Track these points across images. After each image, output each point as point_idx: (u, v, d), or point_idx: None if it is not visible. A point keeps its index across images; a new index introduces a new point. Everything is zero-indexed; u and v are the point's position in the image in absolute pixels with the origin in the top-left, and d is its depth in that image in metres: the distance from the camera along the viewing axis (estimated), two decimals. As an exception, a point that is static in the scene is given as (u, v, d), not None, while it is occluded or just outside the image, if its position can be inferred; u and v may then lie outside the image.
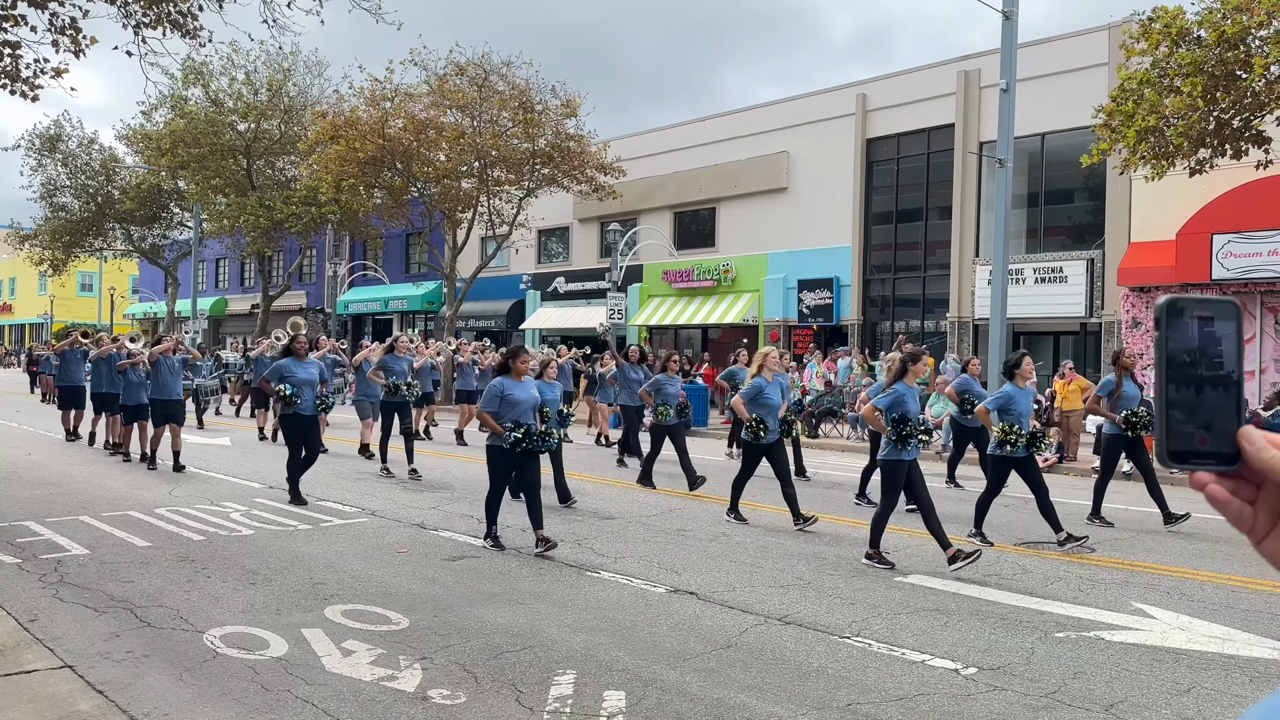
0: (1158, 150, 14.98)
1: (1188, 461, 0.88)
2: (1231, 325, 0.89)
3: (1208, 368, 0.88)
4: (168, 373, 13.02)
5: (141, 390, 13.61)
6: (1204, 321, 0.89)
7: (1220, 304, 0.90)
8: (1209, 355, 0.88)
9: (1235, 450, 0.87)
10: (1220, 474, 0.87)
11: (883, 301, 25.62)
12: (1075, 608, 6.78)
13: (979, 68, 22.97)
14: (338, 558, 7.99)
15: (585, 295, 32.03)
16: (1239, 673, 5.44)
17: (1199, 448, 0.87)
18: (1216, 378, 0.88)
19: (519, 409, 8.25)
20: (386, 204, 30.88)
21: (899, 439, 8.06)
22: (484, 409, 8.35)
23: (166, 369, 12.99)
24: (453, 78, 27.60)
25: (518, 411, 8.25)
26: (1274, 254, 17.43)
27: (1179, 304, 0.89)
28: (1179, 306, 0.89)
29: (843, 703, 4.87)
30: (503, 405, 8.23)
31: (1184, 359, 0.88)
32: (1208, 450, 0.87)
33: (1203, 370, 0.88)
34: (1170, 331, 0.89)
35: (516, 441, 8.12)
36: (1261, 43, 13.67)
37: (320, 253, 41.65)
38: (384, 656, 5.43)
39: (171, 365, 13.06)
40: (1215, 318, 0.89)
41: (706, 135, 29.13)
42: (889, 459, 8.15)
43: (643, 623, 6.22)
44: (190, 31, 11.21)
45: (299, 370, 10.76)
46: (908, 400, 8.24)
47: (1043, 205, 22.64)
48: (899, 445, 8.08)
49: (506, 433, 8.16)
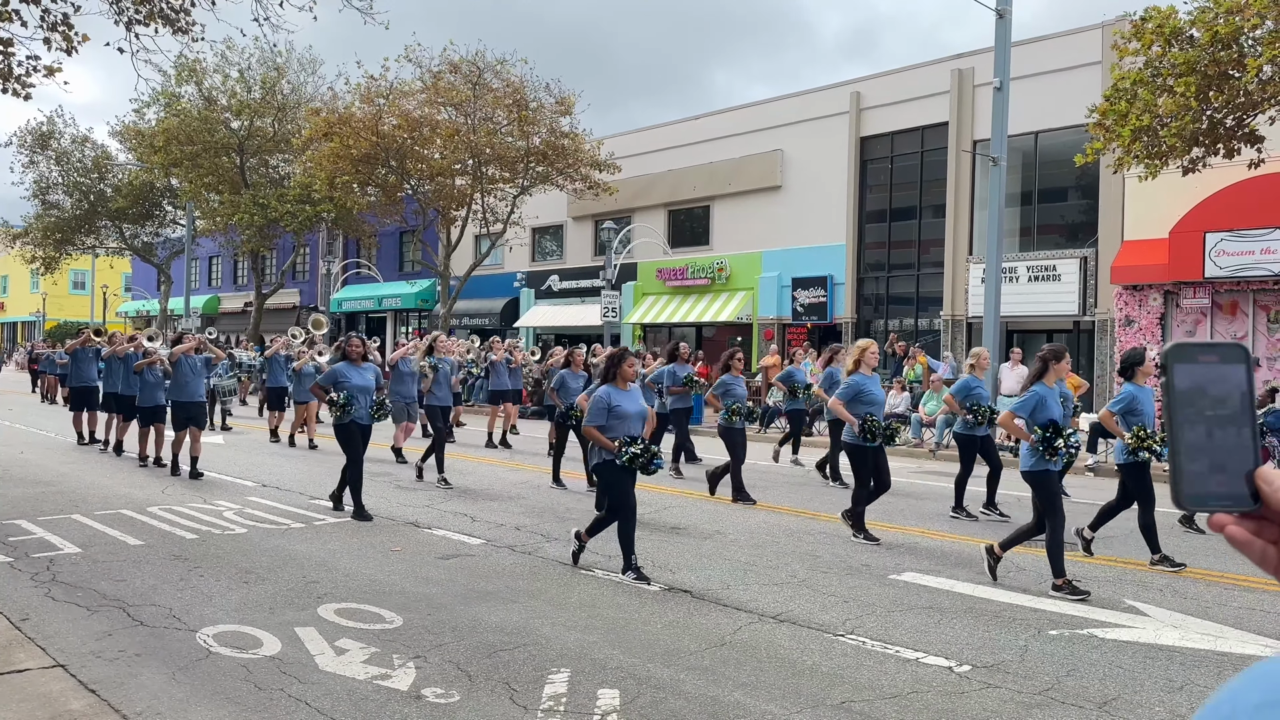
0: (1151, 149, 15.01)
1: (1205, 504, 0.88)
2: (1240, 368, 0.89)
3: (1218, 410, 0.88)
4: (189, 373, 12.41)
5: (159, 391, 13.00)
6: (1211, 365, 0.89)
7: (1226, 347, 0.90)
8: (1218, 398, 0.88)
9: (1253, 491, 0.87)
10: (1240, 515, 0.88)
11: (876, 300, 25.63)
12: (1069, 605, 6.79)
13: (973, 66, 22.98)
14: (331, 556, 7.97)
15: (579, 293, 32.01)
16: (1231, 670, 5.45)
17: (1215, 490, 0.88)
18: (1228, 418, 0.88)
19: (627, 422, 7.44)
20: (380, 201, 30.82)
21: (1047, 447, 7.20)
22: (591, 423, 7.44)
23: (188, 369, 12.39)
24: (447, 75, 27.56)
25: (627, 425, 7.43)
26: (1266, 252, 17.47)
27: (1185, 349, 0.90)
28: (1184, 351, 0.90)
29: (837, 700, 4.87)
30: (610, 418, 7.40)
31: (1194, 402, 0.89)
32: (1224, 492, 0.87)
33: (1213, 412, 0.88)
34: (1178, 376, 0.89)
35: (633, 458, 7.26)
36: (1255, 42, 13.70)
37: (314, 250, 41.56)
38: (378, 655, 5.42)
39: (194, 365, 12.49)
40: (1222, 361, 0.89)
41: (701, 133, 29.12)
42: (1036, 470, 7.31)
43: (637, 621, 6.21)
44: (182, 28, 11.17)
45: (354, 375, 9.97)
46: (1050, 403, 7.43)
47: (1036, 204, 22.67)
48: (1046, 455, 7.23)
49: (621, 449, 7.27)
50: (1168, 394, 0.89)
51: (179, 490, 11.36)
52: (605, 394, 7.54)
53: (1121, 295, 20.06)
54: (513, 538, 8.89)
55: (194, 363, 12.50)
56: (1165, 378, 0.90)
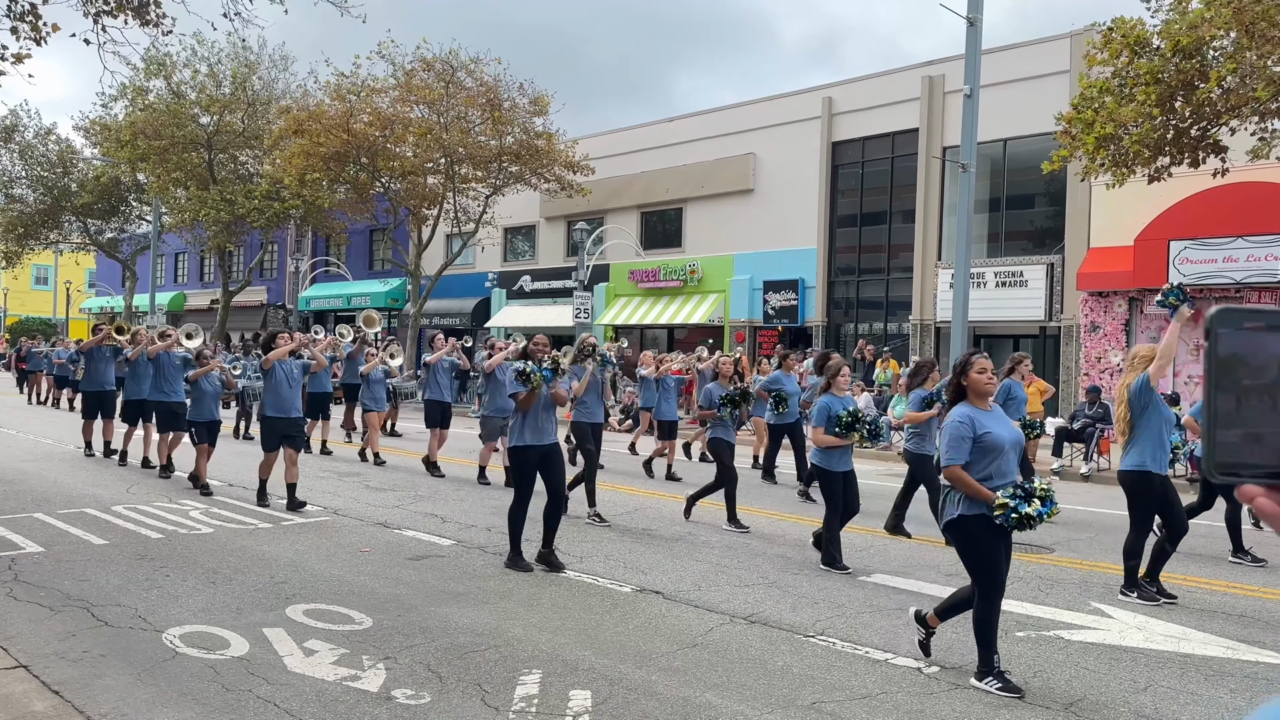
0: (1116, 158, 15.23)
1: (1236, 474, 0.86)
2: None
3: (1258, 378, 0.85)
4: (285, 383, 10.14)
5: (215, 403, 11.42)
6: (1256, 331, 0.86)
7: (1273, 313, 0.87)
8: (1260, 366, 0.85)
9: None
10: (1271, 487, 0.86)
11: (846, 303, 25.80)
12: (1035, 607, 6.87)
13: (943, 73, 23.21)
14: (299, 557, 7.90)
15: (551, 294, 31.96)
16: (1195, 671, 5.55)
17: (1248, 460, 0.85)
18: (1266, 387, 0.85)
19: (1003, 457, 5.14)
20: (350, 199, 30.59)
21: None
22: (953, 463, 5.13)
23: (283, 378, 10.14)
24: (420, 73, 27.42)
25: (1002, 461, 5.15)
26: (1229, 260, 17.79)
27: (1230, 313, 0.87)
28: (1230, 316, 0.87)
29: (807, 701, 4.90)
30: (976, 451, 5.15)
31: (1234, 370, 0.86)
32: (1258, 462, 0.85)
33: (1253, 381, 0.85)
34: (1220, 342, 0.86)
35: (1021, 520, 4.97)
36: (1217, 53, 13.94)
37: (282, 248, 41.18)
38: (347, 656, 5.38)
39: (290, 373, 10.22)
40: (1267, 328, 0.86)
41: (674, 136, 29.19)
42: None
43: (609, 622, 6.21)
44: (152, 20, 11.03)
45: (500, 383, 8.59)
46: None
47: (1004, 210, 22.93)
48: None
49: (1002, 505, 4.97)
50: (1208, 359, 0.86)
51: (144, 490, 11.21)
52: (966, 417, 5.20)
53: (1087, 301, 20.32)
54: (484, 539, 8.86)
55: (290, 370, 10.19)
56: (1208, 342, 0.87)
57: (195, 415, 11.35)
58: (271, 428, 10.13)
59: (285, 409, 10.07)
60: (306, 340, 10.63)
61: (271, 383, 10.11)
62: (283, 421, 10.08)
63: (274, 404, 10.10)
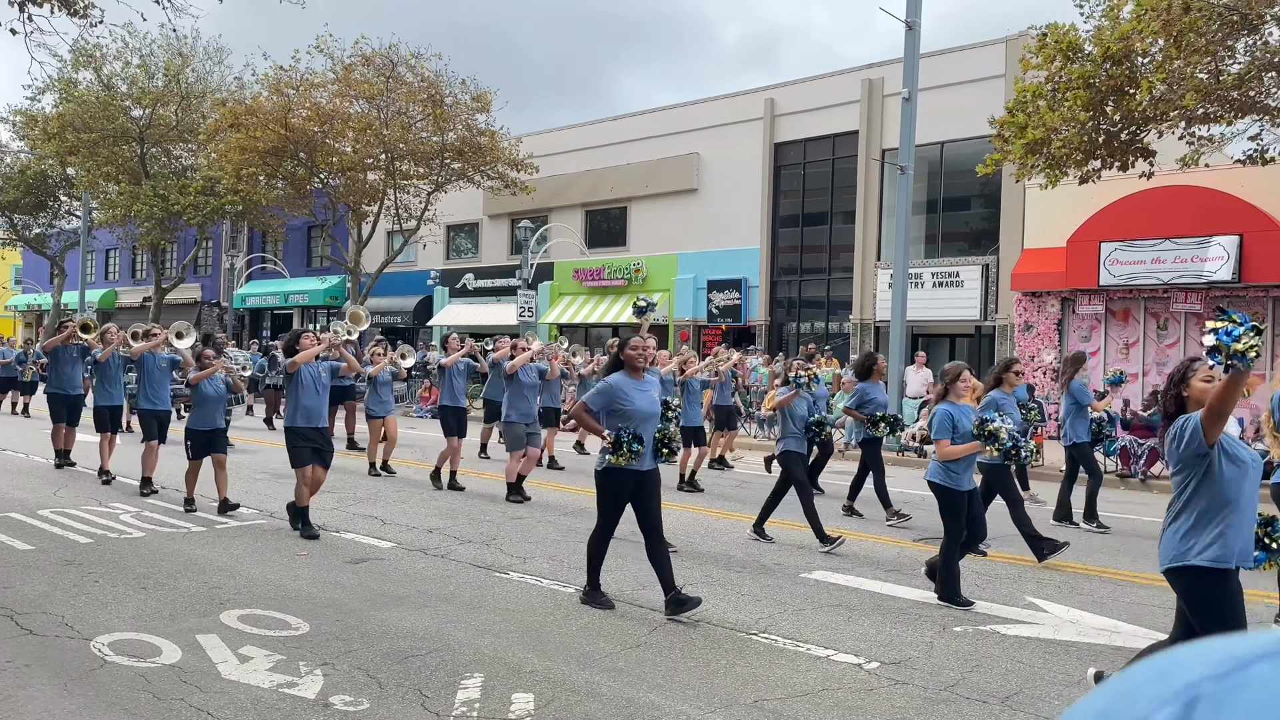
0: (1049, 160, 15.59)
1: None
2: None
3: None
4: (313, 388, 9.00)
5: (218, 411, 10.05)
6: None
7: None
8: None
9: None
10: None
11: (789, 303, 26.05)
12: (975, 603, 6.98)
13: (882, 77, 23.53)
14: (234, 561, 7.73)
15: (495, 292, 31.75)
16: (1126, 662, 5.69)
17: None
18: None
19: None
20: (288, 195, 30.05)
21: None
22: None
23: (310, 382, 9.00)
24: (359, 68, 27.04)
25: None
26: (1157, 262, 18.30)
27: None
28: None
29: (750, 699, 4.92)
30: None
31: None
32: None
33: None
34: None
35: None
36: (1146, 61, 14.33)
37: (217, 244, 40.30)
38: (283, 663, 5.27)
39: (317, 377, 9.09)
40: None
41: (618, 135, 29.18)
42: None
43: (552, 624, 6.18)
44: (79, 10, 10.71)
45: (636, 396, 6.52)
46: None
47: (941, 212, 23.33)
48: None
49: None
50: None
51: (73, 493, 10.87)
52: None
53: (1021, 301, 20.76)
54: (425, 541, 8.75)
55: (317, 374, 9.00)
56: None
57: (196, 424, 9.81)
58: (300, 438, 8.87)
59: (312, 417, 8.91)
60: (337, 341, 9.40)
61: (296, 388, 8.90)
62: (311, 432, 8.90)
63: (300, 412, 8.88)
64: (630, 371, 6.65)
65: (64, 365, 12.70)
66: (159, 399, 11.05)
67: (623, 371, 6.66)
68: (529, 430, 10.96)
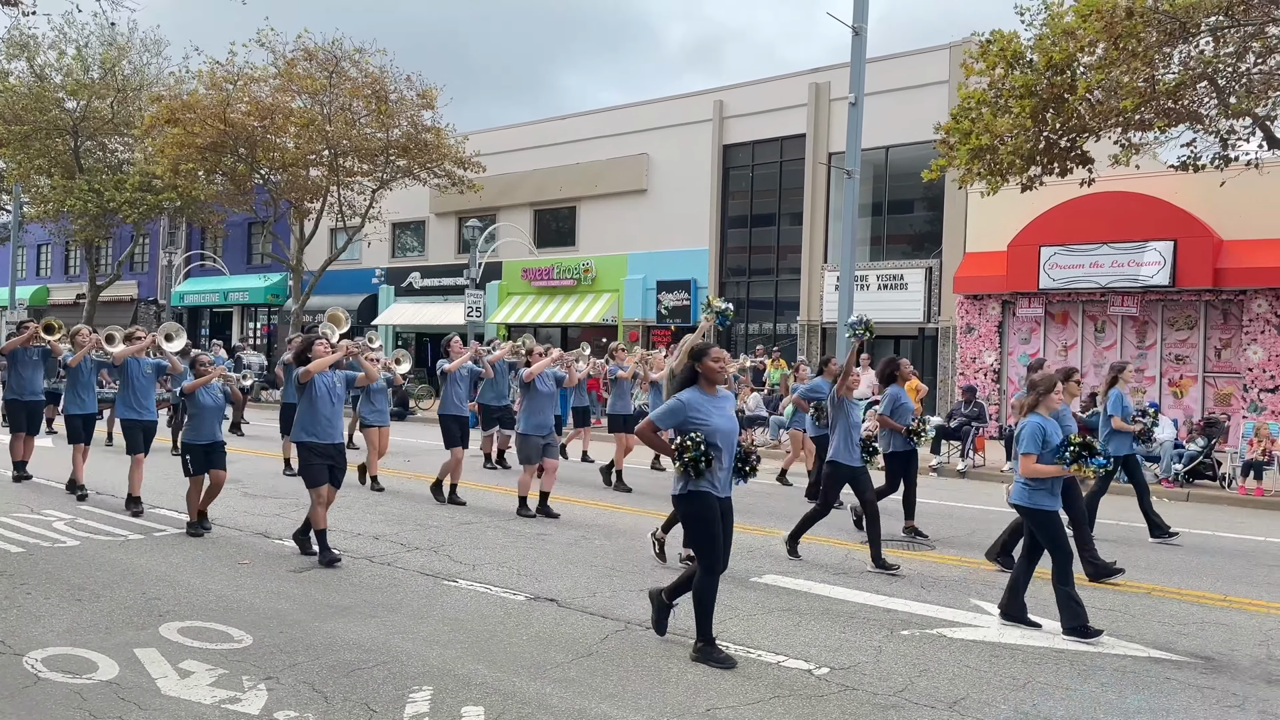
0: (991, 167, 15.87)
1: None
2: None
3: None
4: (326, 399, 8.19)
5: (216, 421, 9.22)
6: None
7: None
8: None
9: None
10: None
11: (737, 304, 26.10)
12: (919, 605, 7.07)
13: (829, 81, 23.76)
14: (174, 570, 7.54)
15: (442, 291, 31.45)
16: (1069, 666, 5.79)
17: None
18: None
19: None
20: (228, 191, 29.43)
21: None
22: None
23: (324, 393, 8.19)
24: (301, 62, 26.58)
25: None
26: (1094, 266, 18.74)
27: None
28: None
29: (702, 708, 4.91)
30: None
31: None
32: None
33: None
34: None
35: None
36: (1085, 69, 14.65)
37: (154, 240, 39.35)
38: (226, 677, 5.14)
39: (333, 388, 8.26)
40: None
41: (567, 134, 29.08)
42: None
43: (502, 633, 6.12)
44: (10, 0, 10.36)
45: (713, 413, 5.72)
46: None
47: (886, 215, 23.63)
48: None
49: None
50: None
51: (2, 500, 10.51)
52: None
53: (963, 304, 21.11)
54: (371, 548, 8.62)
55: (332, 384, 8.25)
56: None
57: (192, 437, 9.02)
58: (314, 455, 8.06)
59: (327, 432, 8.10)
60: (356, 349, 8.55)
61: (308, 400, 8.09)
62: (328, 449, 8.11)
63: (311, 426, 8.07)
64: (706, 386, 5.74)
65: (23, 369, 11.67)
66: (144, 408, 10.25)
67: (696, 386, 5.72)
68: (545, 442, 10.25)
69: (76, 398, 10.95)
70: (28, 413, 11.79)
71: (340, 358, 8.37)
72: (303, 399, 8.15)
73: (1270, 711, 5.14)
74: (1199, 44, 13.93)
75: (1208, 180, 16.04)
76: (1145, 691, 5.38)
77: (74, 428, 10.93)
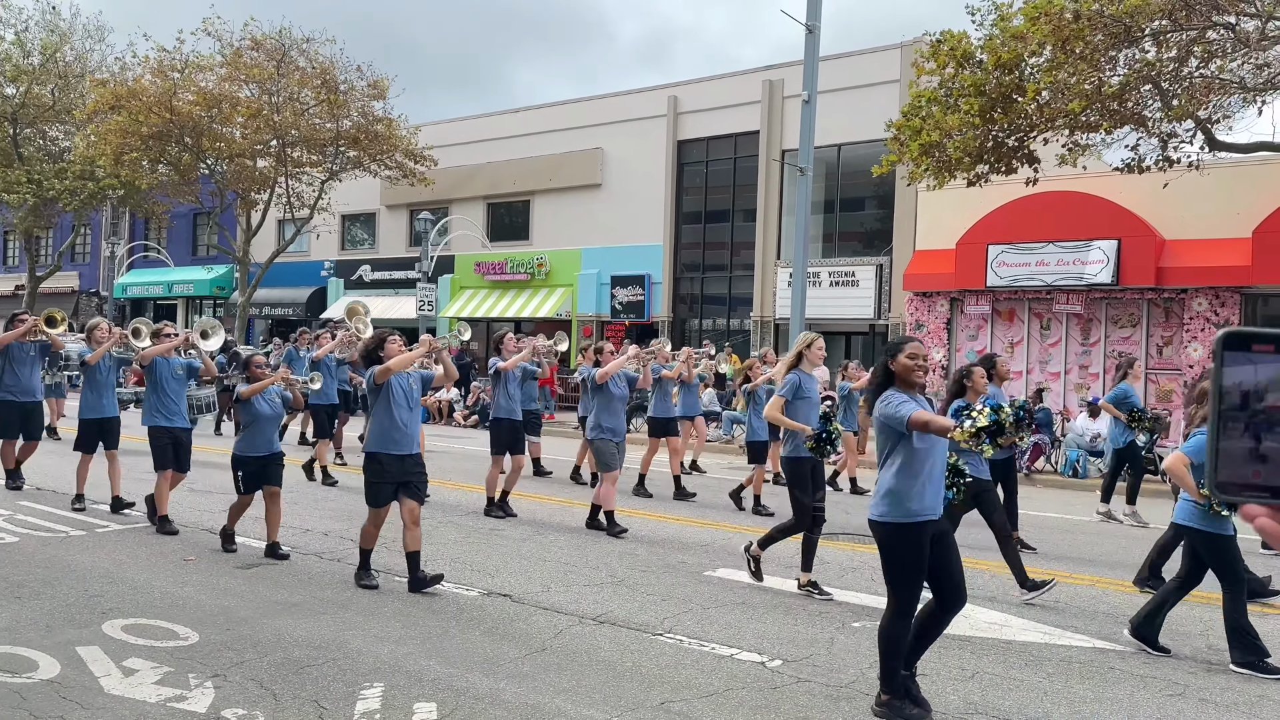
0: (940, 163, 16.08)
1: (1239, 494, 0.86)
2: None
3: (1265, 401, 0.85)
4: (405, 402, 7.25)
5: (273, 429, 8.18)
6: (1263, 354, 0.86)
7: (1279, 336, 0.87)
8: (1267, 389, 0.85)
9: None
10: (1273, 507, 0.86)
11: (691, 299, 26.26)
12: (869, 597, 7.15)
13: (782, 78, 23.90)
14: (116, 567, 7.37)
15: (393, 284, 31.11)
16: (1016, 657, 5.90)
17: (1252, 480, 0.86)
18: (1274, 411, 0.85)
19: None
20: (173, 180, 28.82)
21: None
22: None
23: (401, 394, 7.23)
24: (249, 51, 26.11)
25: None
26: (1041, 264, 19.07)
27: (1238, 336, 0.86)
28: (1238, 338, 0.86)
29: (656, 701, 4.92)
30: None
31: (1240, 392, 0.85)
32: (1261, 484, 0.86)
33: (1259, 404, 0.85)
34: (1228, 364, 0.86)
35: None
36: (1034, 70, 14.91)
37: (96, 231, 38.44)
38: (171, 675, 5.04)
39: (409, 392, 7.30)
40: (1276, 350, 0.86)
41: (521, 127, 28.91)
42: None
43: (454, 629, 6.07)
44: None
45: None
46: None
47: (838, 212, 23.85)
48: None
49: None
50: (1215, 381, 0.86)
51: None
52: None
53: (913, 301, 21.37)
54: (320, 544, 8.51)
55: (409, 386, 7.26)
56: (1215, 364, 0.86)
57: (247, 448, 7.96)
58: (383, 468, 7.01)
59: (404, 442, 7.04)
60: (438, 345, 7.55)
61: (384, 405, 7.06)
62: (405, 461, 7.05)
63: (385, 436, 7.03)
64: (904, 387, 4.93)
65: (19, 366, 10.43)
66: (176, 413, 9.01)
67: (895, 387, 4.96)
68: (620, 446, 9.56)
69: (94, 401, 9.71)
70: (22, 415, 10.57)
71: (423, 355, 7.39)
72: (377, 404, 7.10)
73: (1209, 699, 5.28)
74: (1143, 48, 14.24)
75: (1151, 181, 16.40)
76: (1090, 681, 5.49)
77: (89, 434, 9.68)
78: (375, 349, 7.22)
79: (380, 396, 7.07)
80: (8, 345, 10.37)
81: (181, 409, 9.06)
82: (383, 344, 7.19)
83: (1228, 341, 0.86)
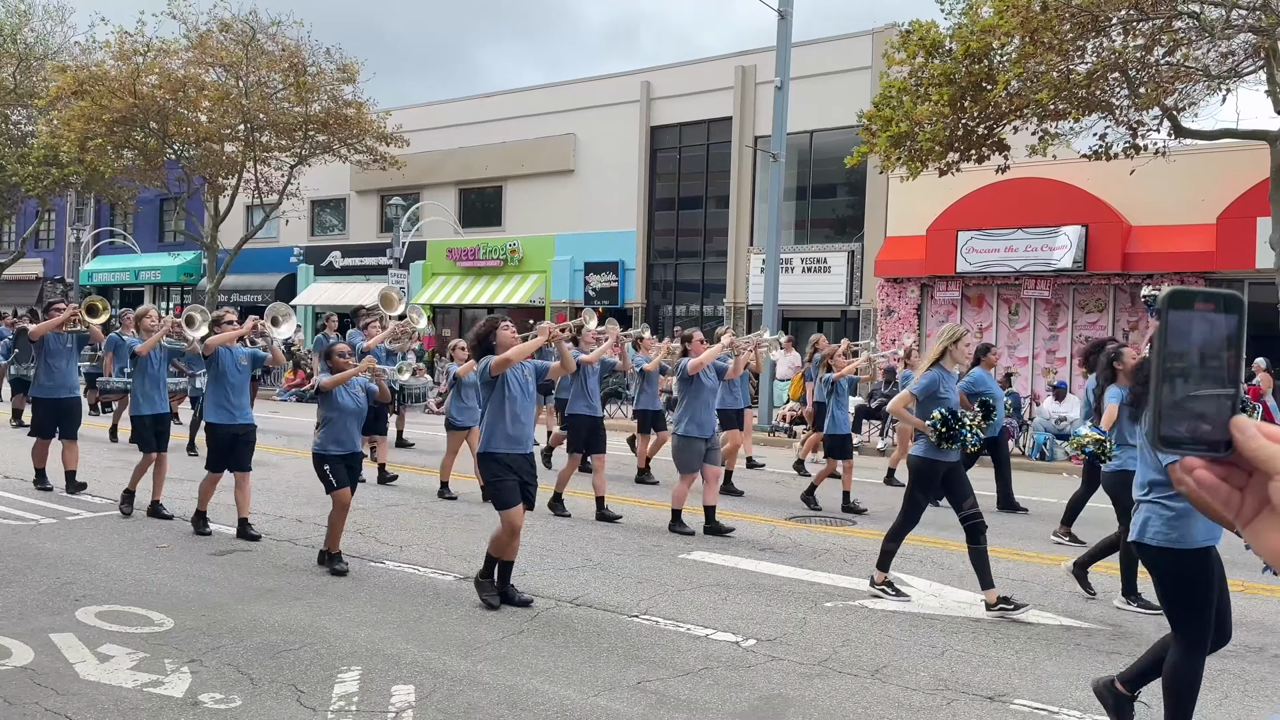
0: (911, 153, 16.20)
1: (1179, 447, 0.90)
2: (1234, 318, 0.90)
3: (1205, 358, 0.89)
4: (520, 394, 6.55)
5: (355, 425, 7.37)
6: (1206, 312, 0.89)
7: (1224, 296, 0.90)
8: (1208, 345, 0.89)
9: (1227, 438, 0.89)
10: (1211, 460, 0.90)
11: (665, 286, 26.29)
12: (841, 578, 7.26)
13: (755, 64, 23.91)
14: (89, 555, 7.32)
15: (364, 271, 30.87)
16: (984, 634, 6.01)
17: (1192, 434, 0.89)
18: (1213, 367, 0.89)
19: None
20: (139, 166, 28.40)
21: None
22: None
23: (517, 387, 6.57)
24: (216, 34, 25.76)
25: None
26: (1009, 250, 19.28)
27: (1183, 295, 0.90)
28: (1183, 297, 0.90)
29: (632, 681, 4.98)
30: None
31: (1182, 347, 0.89)
32: (1200, 437, 0.89)
33: (1199, 360, 0.89)
34: (1171, 320, 0.90)
35: None
36: (1003, 59, 15.04)
37: (60, 217, 37.82)
38: (147, 660, 5.03)
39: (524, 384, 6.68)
40: (1217, 309, 0.89)
41: (493, 112, 28.74)
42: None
43: (431, 613, 6.09)
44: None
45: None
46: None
47: (810, 199, 23.94)
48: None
49: None
50: (1159, 337, 0.90)
51: (-101, 484, 10.05)
52: None
53: (884, 287, 21.54)
54: (293, 530, 8.49)
55: (524, 379, 6.59)
56: (1160, 321, 0.90)
57: (330, 446, 7.20)
58: (502, 468, 6.33)
59: (521, 439, 6.43)
60: (556, 330, 6.87)
61: (500, 399, 6.39)
62: (519, 461, 6.41)
63: (503, 432, 6.38)
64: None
65: (56, 359, 9.72)
66: (240, 408, 8.20)
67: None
68: (709, 445, 8.83)
69: (145, 396, 8.96)
70: (60, 413, 9.85)
71: (543, 344, 6.75)
72: (492, 399, 6.43)
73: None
74: (1111, 36, 14.40)
75: (1118, 168, 16.61)
76: (1057, 658, 5.61)
77: (143, 432, 8.96)
78: (488, 336, 6.52)
79: (495, 389, 6.42)
80: (44, 336, 9.73)
81: (245, 402, 8.30)
82: (494, 331, 6.54)
83: (1173, 299, 0.90)
